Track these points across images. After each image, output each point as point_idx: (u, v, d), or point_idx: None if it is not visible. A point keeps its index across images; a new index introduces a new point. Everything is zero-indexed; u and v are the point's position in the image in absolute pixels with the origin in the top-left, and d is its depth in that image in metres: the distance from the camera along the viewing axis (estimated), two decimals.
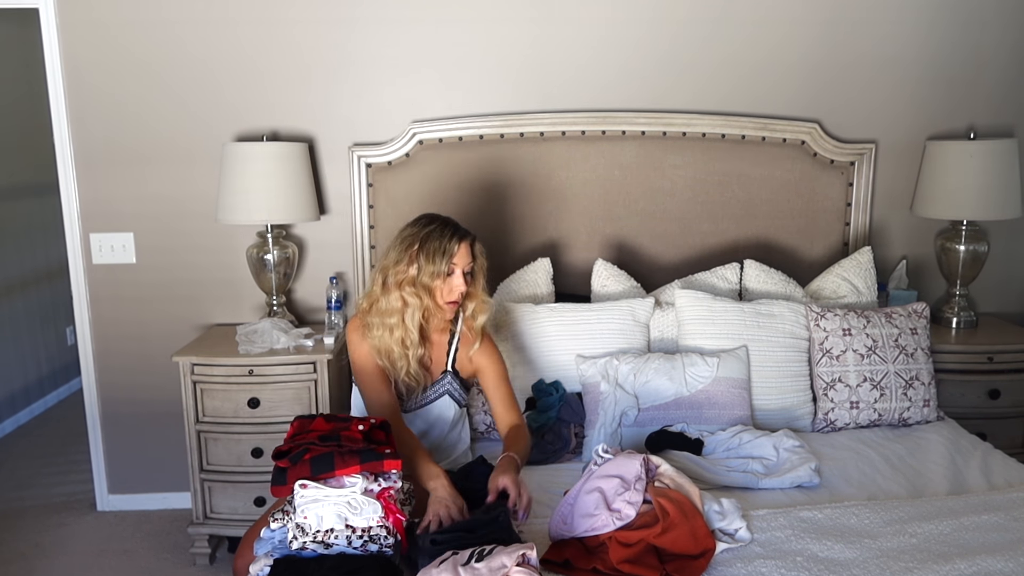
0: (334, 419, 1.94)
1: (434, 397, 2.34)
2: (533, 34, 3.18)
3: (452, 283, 2.21)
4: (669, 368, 2.60)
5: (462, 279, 2.23)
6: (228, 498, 3.00)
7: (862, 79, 3.26)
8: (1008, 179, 3.09)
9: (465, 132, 3.16)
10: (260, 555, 1.84)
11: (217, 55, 3.17)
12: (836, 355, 2.70)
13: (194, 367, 2.90)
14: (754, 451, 2.42)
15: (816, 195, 3.25)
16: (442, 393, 2.35)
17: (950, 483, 2.32)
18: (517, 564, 1.59)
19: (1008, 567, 1.80)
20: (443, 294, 2.23)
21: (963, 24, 3.24)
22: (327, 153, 3.25)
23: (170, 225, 3.27)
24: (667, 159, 3.20)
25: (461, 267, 2.22)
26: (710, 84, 3.24)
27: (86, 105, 3.19)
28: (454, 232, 2.22)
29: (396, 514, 1.79)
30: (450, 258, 2.19)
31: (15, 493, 3.66)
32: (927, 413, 2.70)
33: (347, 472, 1.78)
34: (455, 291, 2.23)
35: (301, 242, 3.30)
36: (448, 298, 2.23)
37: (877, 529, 1.99)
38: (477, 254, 2.28)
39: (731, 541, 1.91)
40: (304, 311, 3.36)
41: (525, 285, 2.97)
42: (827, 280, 3.06)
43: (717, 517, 1.95)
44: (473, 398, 2.63)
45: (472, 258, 2.26)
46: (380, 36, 3.17)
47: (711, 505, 1.97)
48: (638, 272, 3.14)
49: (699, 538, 1.81)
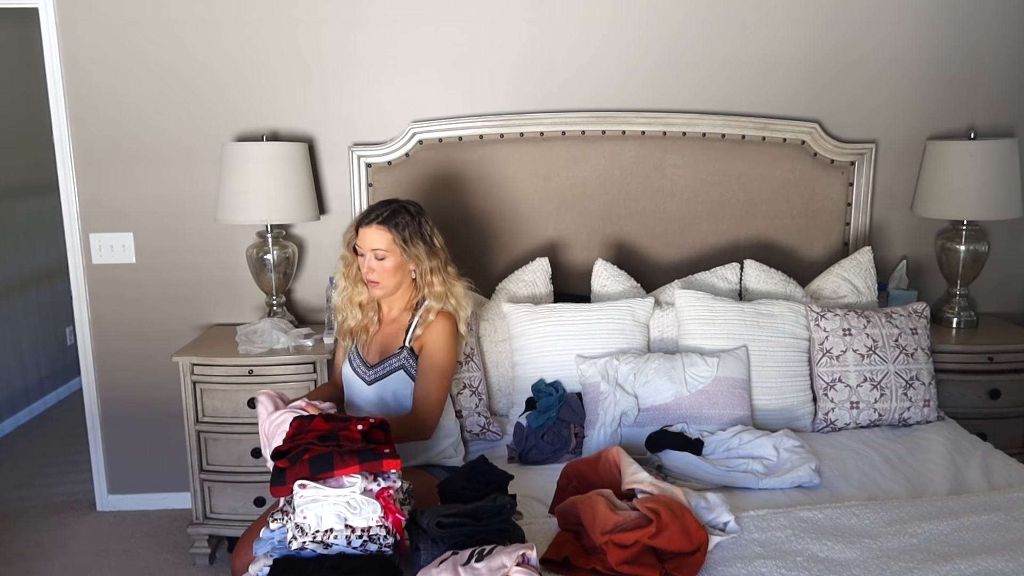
0: (333, 419, 1.94)
1: (389, 370, 2.40)
2: (533, 34, 3.18)
3: (364, 264, 2.39)
4: (669, 368, 2.60)
5: (373, 262, 2.37)
6: (228, 498, 3.00)
7: (862, 79, 3.26)
8: (1008, 179, 3.08)
9: (465, 132, 3.16)
10: (259, 555, 1.84)
11: (217, 55, 3.17)
12: (836, 355, 2.70)
13: (194, 367, 2.90)
14: (754, 451, 2.42)
15: (816, 195, 3.25)
16: (397, 367, 2.39)
17: (950, 483, 2.32)
18: (517, 564, 1.59)
19: (1008, 567, 1.80)
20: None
21: (963, 24, 3.24)
22: (327, 153, 3.25)
23: (170, 225, 3.27)
24: (667, 159, 3.20)
25: (368, 250, 2.36)
26: (710, 84, 3.23)
27: (86, 105, 3.19)
28: (363, 217, 2.39)
29: (395, 514, 1.78)
30: (350, 243, 2.43)
31: (15, 493, 3.66)
32: (927, 413, 2.70)
33: (346, 472, 1.78)
34: (367, 273, 2.40)
35: (301, 242, 3.30)
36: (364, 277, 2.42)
37: (877, 529, 1.99)
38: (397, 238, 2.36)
39: (722, 534, 1.91)
40: (304, 311, 3.36)
41: (523, 285, 2.97)
42: (827, 280, 3.06)
43: (705, 512, 1.97)
44: (461, 402, 2.64)
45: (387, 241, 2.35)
46: (380, 36, 3.17)
47: (698, 501, 1.99)
48: (638, 272, 3.14)
49: (691, 533, 1.81)
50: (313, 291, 3.34)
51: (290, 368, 2.91)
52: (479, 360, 2.74)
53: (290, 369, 2.91)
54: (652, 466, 2.32)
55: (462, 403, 2.65)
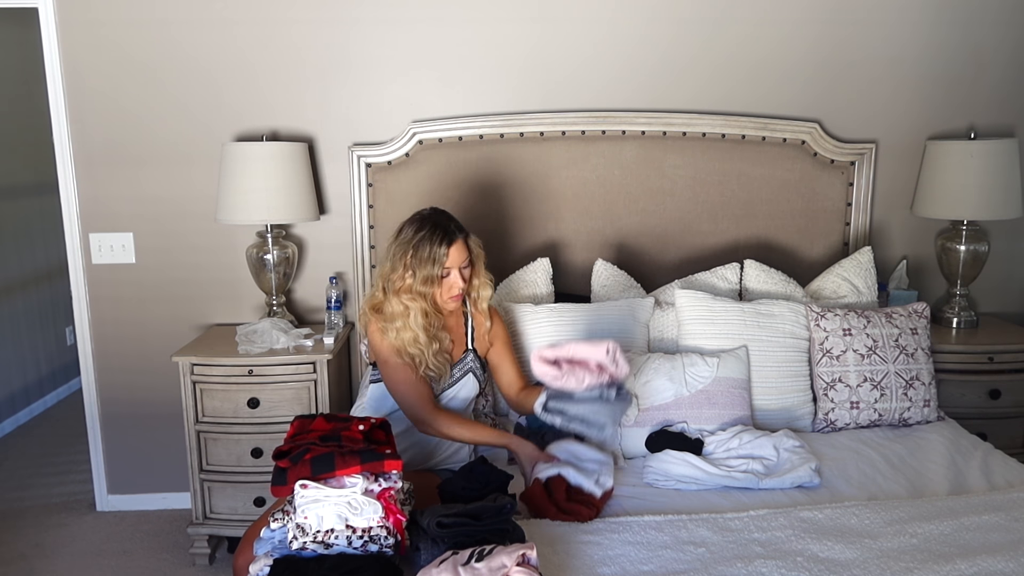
0: (334, 419, 1.94)
1: (460, 376, 2.41)
2: (533, 34, 3.18)
3: (449, 283, 2.30)
4: (669, 368, 2.60)
5: (458, 277, 2.31)
6: (228, 498, 3.00)
7: (862, 79, 3.26)
8: (1008, 179, 3.09)
9: (465, 132, 3.16)
10: (260, 555, 1.84)
11: (217, 55, 3.16)
12: (836, 355, 2.70)
13: (194, 367, 2.90)
14: (754, 451, 2.42)
15: (816, 195, 3.25)
16: (467, 371, 2.42)
17: (951, 483, 2.32)
18: (517, 564, 1.59)
19: (1009, 567, 1.80)
20: (442, 294, 2.31)
21: (963, 24, 3.24)
22: (327, 153, 3.25)
23: (170, 225, 3.27)
24: (667, 159, 3.20)
25: (456, 266, 2.29)
26: (710, 84, 3.23)
27: (86, 105, 3.19)
28: (443, 236, 2.27)
29: (396, 514, 1.78)
30: (441, 264, 2.26)
31: (15, 493, 3.66)
32: (927, 413, 2.70)
33: (348, 472, 1.78)
34: (453, 289, 2.31)
35: (301, 242, 3.30)
36: (448, 295, 2.32)
37: (877, 529, 1.99)
38: (473, 247, 2.36)
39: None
40: (304, 311, 3.36)
41: (525, 285, 2.97)
42: (827, 280, 3.06)
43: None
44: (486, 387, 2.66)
45: (468, 253, 2.33)
46: (380, 36, 3.17)
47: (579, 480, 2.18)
48: (638, 272, 3.14)
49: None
50: (313, 291, 3.34)
51: (290, 368, 2.91)
52: None
53: (290, 369, 2.91)
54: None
55: None
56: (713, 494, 2.25)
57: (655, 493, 2.26)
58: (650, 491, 2.27)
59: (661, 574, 1.82)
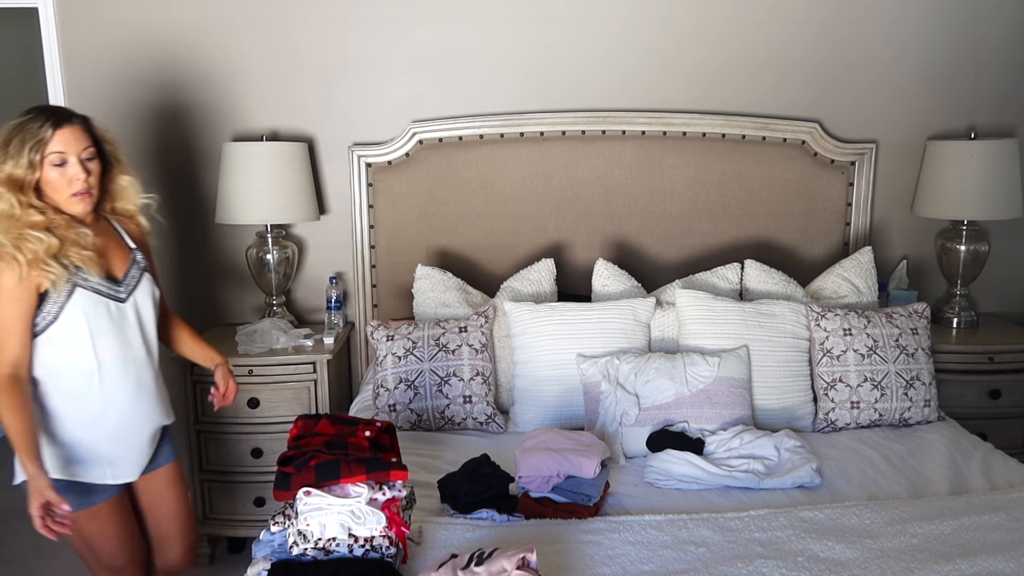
0: (339, 421, 1.92)
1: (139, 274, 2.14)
2: (533, 34, 3.18)
3: (68, 173, 1.98)
4: (670, 368, 2.60)
5: (79, 167, 1.98)
6: (227, 498, 3.00)
7: (862, 79, 3.26)
8: (1008, 179, 3.08)
9: (465, 132, 3.16)
10: (258, 558, 1.84)
11: (217, 55, 3.16)
12: (837, 355, 2.70)
13: (194, 367, 2.90)
14: (755, 451, 2.42)
15: (816, 195, 3.25)
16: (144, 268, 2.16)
17: (951, 483, 2.32)
18: (517, 567, 1.59)
19: (1009, 567, 1.80)
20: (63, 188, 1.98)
21: (963, 24, 3.24)
22: (327, 153, 3.24)
23: (169, 225, 3.26)
24: (667, 159, 3.19)
25: (74, 154, 1.97)
26: (711, 84, 3.23)
27: (85, 105, 3.14)
28: (49, 117, 1.96)
29: (400, 525, 1.77)
30: (43, 146, 1.93)
31: (15, 493, 3.64)
32: (928, 413, 2.70)
33: (353, 481, 1.75)
34: (75, 182, 1.98)
35: (301, 242, 3.30)
36: (72, 190, 1.99)
37: (878, 529, 1.99)
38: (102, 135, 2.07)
39: None
40: (304, 311, 3.36)
41: (529, 284, 2.97)
42: (827, 280, 3.06)
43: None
44: (473, 388, 2.64)
45: (90, 141, 2.01)
46: (380, 36, 3.17)
47: None
48: (639, 272, 3.14)
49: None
50: (313, 291, 3.34)
51: (290, 368, 2.91)
52: (491, 352, 2.76)
53: (290, 369, 2.91)
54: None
55: (474, 389, 2.65)
56: (714, 494, 2.25)
57: (656, 493, 2.26)
58: (651, 491, 2.27)
59: (662, 574, 1.82)
